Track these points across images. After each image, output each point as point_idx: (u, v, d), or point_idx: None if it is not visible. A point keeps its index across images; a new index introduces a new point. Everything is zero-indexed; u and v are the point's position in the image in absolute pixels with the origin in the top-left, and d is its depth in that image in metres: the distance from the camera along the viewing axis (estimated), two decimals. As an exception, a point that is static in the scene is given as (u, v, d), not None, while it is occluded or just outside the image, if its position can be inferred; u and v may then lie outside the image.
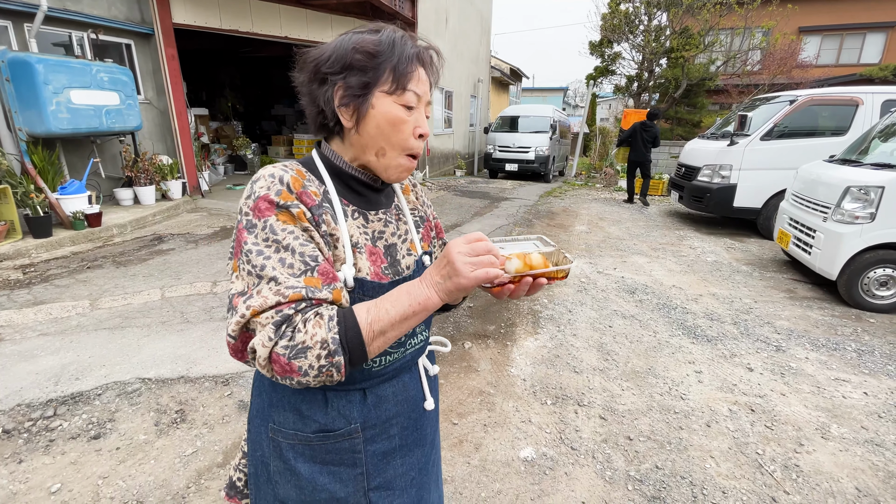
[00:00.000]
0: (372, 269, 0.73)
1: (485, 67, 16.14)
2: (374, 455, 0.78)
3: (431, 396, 0.85)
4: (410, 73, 0.69)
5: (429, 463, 0.88)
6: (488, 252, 0.58)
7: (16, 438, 1.96)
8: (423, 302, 0.60)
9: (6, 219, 4.47)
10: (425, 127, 0.73)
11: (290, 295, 0.57)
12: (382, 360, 0.76)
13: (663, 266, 4.76)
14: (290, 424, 0.74)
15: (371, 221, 0.76)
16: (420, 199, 0.93)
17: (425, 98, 0.73)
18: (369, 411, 0.76)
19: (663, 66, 13.53)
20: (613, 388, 2.53)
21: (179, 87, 6.83)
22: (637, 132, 8.15)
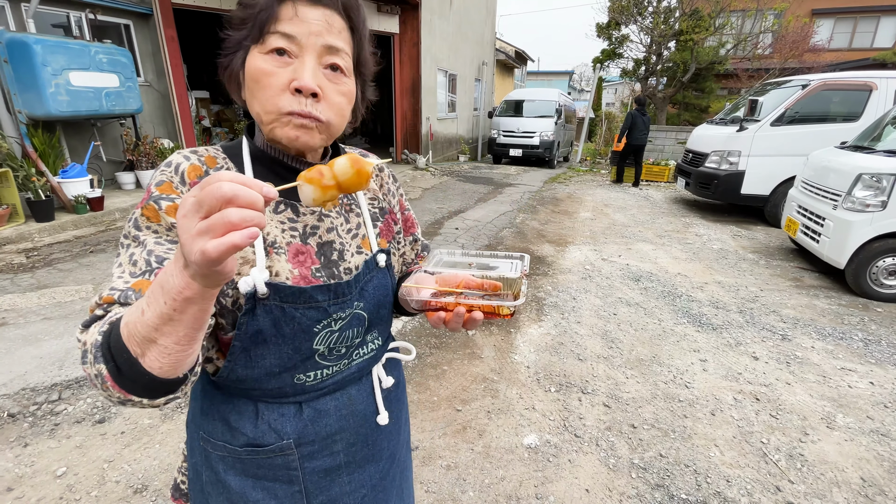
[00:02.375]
0: (296, 271, 0.62)
1: (490, 50, 15.86)
2: (314, 472, 0.69)
3: (387, 409, 0.75)
4: (269, 19, 0.56)
5: (386, 478, 0.78)
6: (227, 203, 0.34)
7: (21, 422, 1.97)
8: (179, 295, 0.39)
9: (8, 202, 4.46)
10: (307, 78, 0.55)
11: (104, 296, 0.50)
12: (318, 374, 0.66)
13: (669, 253, 4.72)
14: (218, 435, 0.67)
15: (303, 214, 0.65)
16: (385, 186, 0.79)
17: (311, 40, 0.56)
18: (305, 426, 0.66)
19: (672, 50, 13.26)
20: (618, 375, 2.52)
21: (180, 70, 6.73)
22: (635, 118, 8.39)
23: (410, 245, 0.85)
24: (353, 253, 0.69)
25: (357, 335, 0.68)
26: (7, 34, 4.56)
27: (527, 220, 5.91)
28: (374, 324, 0.70)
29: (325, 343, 0.64)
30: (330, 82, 0.58)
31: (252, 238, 0.34)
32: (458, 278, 0.64)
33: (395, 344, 0.81)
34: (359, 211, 0.72)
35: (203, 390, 0.69)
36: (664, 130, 11.21)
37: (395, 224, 0.79)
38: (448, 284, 0.64)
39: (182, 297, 0.39)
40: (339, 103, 0.59)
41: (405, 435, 0.87)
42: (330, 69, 0.58)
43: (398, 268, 0.80)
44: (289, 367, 0.63)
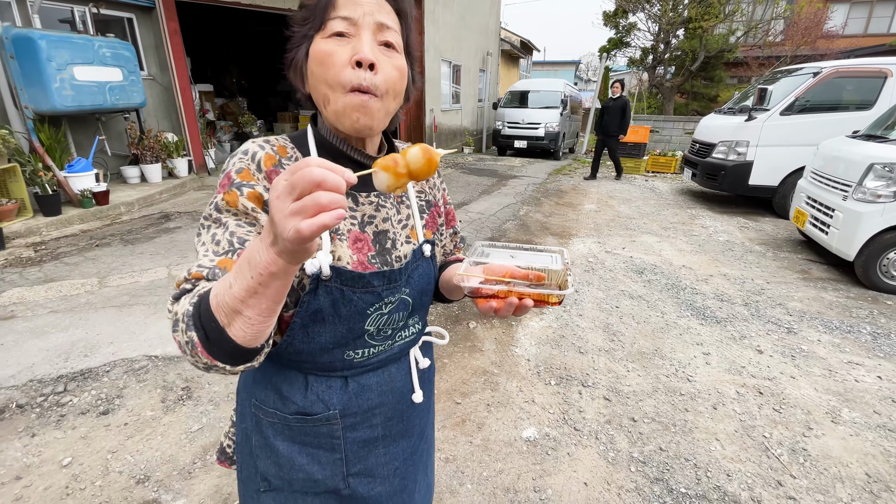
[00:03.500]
0: (355, 257, 0.67)
1: (494, 40, 15.68)
2: (355, 442, 0.75)
3: (421, 389, 0.81)
4: (328, 7, 0.61)
5: (415, 453, 0.85)
6: (317, 186, 0.37)
7: (28, 413, 2.01)
8: (265, 270, 0.43)
9: (17, 197, 4.51)
10: (364, 51, 0.59)
11: (193, 272, 0.55)
12: (366, 353, 0.72)
13: (673, 246, 4.67)
14: (270, 403, 0.73)
15: (361, 204, 0.70)
16: (431, 181, 0.83)
17: (366, 19, 0.60)
18: (350, 399, 0.73)
19: (680, 38, 13.03)
20: (619, 369, 2.51)
21: (183, 63, 6.73)
22: (605, 105, 7.92)
23: (450, 237, 0.89)
24: (403, 242, 0.73)
25: (401, 319, 0.73)
26: (13, 30, 4.58)
27: (530, 213, 5.88)
28: (416, 309, 0.76)
29: (375, 324, 0.70)
30: (385, 56, 0.62)
31: (340, 219, 0.37)
32: (505, 268, 0.65)
33: (430, 328, 0.86)
34: (408, 203, 0.77)
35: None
36: (671, 121, 11.06)
37: (439, 217, 0.83)
38: (495, 274, 0.65)
39: (268, 271, 0.43)
40: (393, 77, 0.62)
41: (432, 414, 0.93)
42: (384, 46, 0.62)
43: (439, 258, 0.84)
44: (341, 344, 0.68)
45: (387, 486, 0.80)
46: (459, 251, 0.92)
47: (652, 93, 15.73)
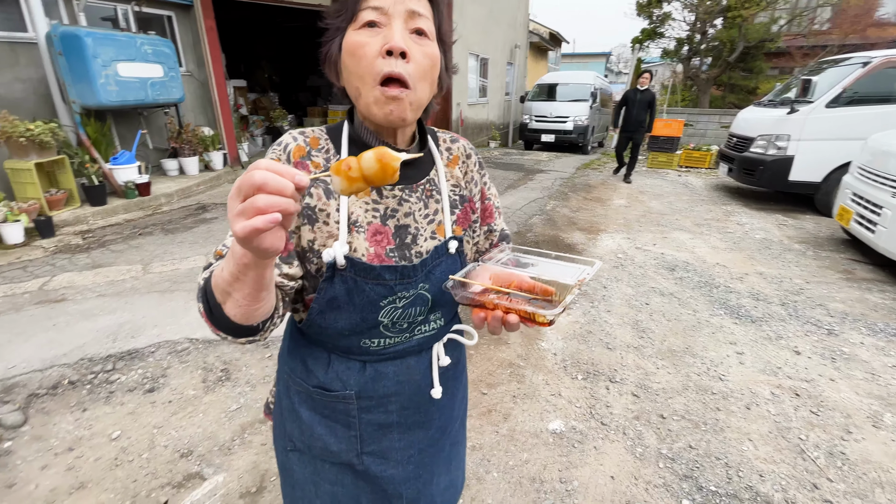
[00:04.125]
0: (372, 249, 0.67)
1: (522, 32, 15.48)
2: (370, 424, 0.77)
3: (442, 385, 0.79)
4: None
5: (434, 446, 0.85)
6: (257, 189, 0.38)
7: (80, 389, 2.14)
8: (240, 261, 0.46)
9: (65, 187, 4.77)
10: (395, 39, 0.58)
11: (216, 250, 0.62)
12: (381, 342, 0.73)
13: (707, 243, 4.54)
14: (297, 372, 0.78)
15: (385, 197, 0.69)
16: (469, 174, 0.80)
17: (397, 7, 0.60)
18: (366, 383, 0.74)
19: (718, 27, 12.54)
20: (648, 365, 2.48)
21: (219, 59, 6.93)
22: (628, 96, 7.30)
23: (485, 235, 0.84)
24: (427, 238, 0.72)
25: (420, 313, 0.72)
26: (61, 28, 4.81)
27: (557, 208, 5.82)
28: (437, 305, 0.74)
29: (388, 317, 0.70)
30: (416, 44, 0.61)
31: (273, 223, 0.38)
32: (513, 277, 0.62)
33: (460, 327, 0.83)
34: (438, 198, 0.74)
35: (292, 333, 0.80)
36: (706, 114, 10.69)
37: (472, 213, 0.79)
38: (501, 283, 0.62)
39: (242, 262, 0.46)
40: (424, 65, 0.62)
41: (459, 412, 0.91)
42: (416, 34, 0.61)
43: (470, 255, 0.81)
44: (356, 331, 0.70)
45: (399, 470, 0.81)
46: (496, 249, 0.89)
47: (686, 85, 15.21)
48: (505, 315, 0.58)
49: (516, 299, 0.60)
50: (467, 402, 0.99)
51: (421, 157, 0.74)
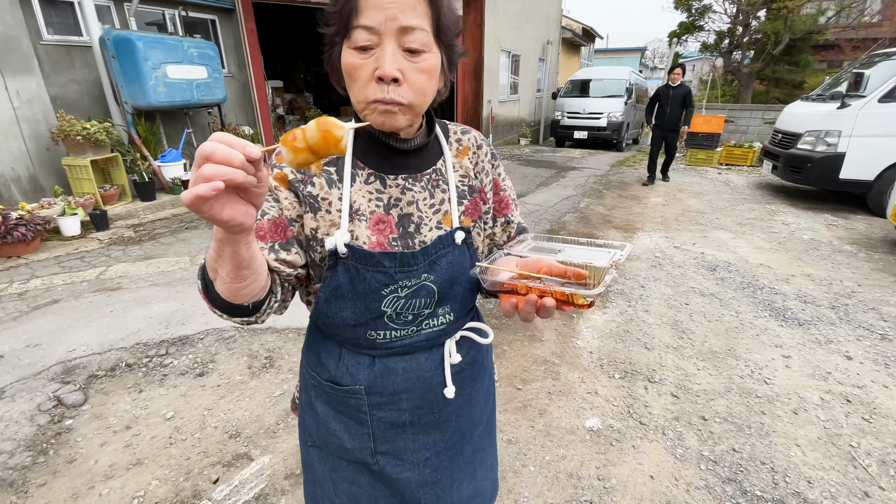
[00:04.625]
0: (374, 238, 0.68)
1: (555, 28, 15.25)
2: (381, 422, 0.76)
3: (455, 384, 0.77)
4: (352, 7, 0.58)
5: (452, 450, 0.81)
6: (205, 159, 0.39)
7: (136, 371, 2.28)
8: (216, 236, 0.49)
9: (118, 183, 5.05)
10: (387, 67, 0.57)
11: None
12: (387, 335, 0.72)
13: (750, 243, 4.38)
14: (312, 366, 0.79)
15: (388, 187, 0.70)
16: (479, 164, 0.78)
17: (388, 25, 0.57)
18: (375, 378, 0.74)
19: (761, 19, 12.00)
20: (688, 366, 2.42)
21: (258, 61, 7.16)
22: (660, 93, 6.79)
23: (502, 227, 0.82)
24: (432, 227, 0.71)
25: (426, 305, 0.71)
26: (113, 32, 5.09)
27: (591, 205, 5.73)
28: (445, 298, 0.72)
29: (391, 307, 0.69)
30: (409, 62, 0.59)
31: (214, 190, 0.38)
32: (541, 263, 0.60)
33: (474, 324, 0.80)
34: (445, 187, 0.73)
35: (310, 326, 0.82)
36: (749, 110, 10.26)
37: (483, 203, 0.77)
38: (530, 270, 0.60)
39: (217, 238, 0.49)
40: (419, 82, 0.61)
41: (481, 416, 0.87)
42: (409, 52, 0.59)
43: (482, 248, 0.80)
44: (361, 322, 0.70)
45: (416, 474, 0.79)
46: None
47: (727, 80, 14.63)
48: (540, 299, 0.56)
49: (549, 283, 0.57)
50: (493, 408, 0.93)
51: (428, 147, 0.73)
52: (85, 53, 5.18)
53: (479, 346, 0.82)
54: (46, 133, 4.61)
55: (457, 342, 0.78)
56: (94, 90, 5.31)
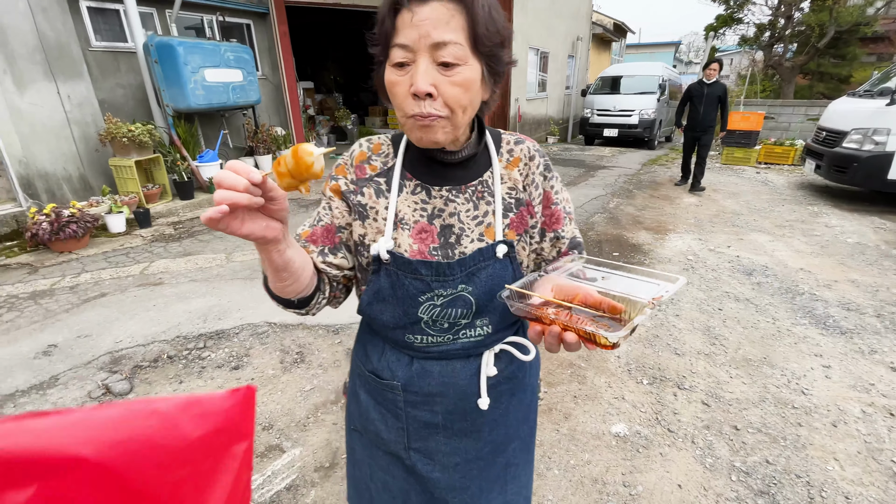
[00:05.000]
0: (415, 246, 0.70)
1: (585, 24, 14.97)
2: (415, 420, 0.79)
3: (490, 397, 0.77)
4: (390, 28, 0.61)
5: (484, 461, 0.82)
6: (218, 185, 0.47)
7: (177, 363, 2.40)
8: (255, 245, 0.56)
9: (159, 183, 5.30)
10: (420, 83, 0.59)
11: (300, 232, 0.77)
12: (424, 339, 0.74)
13: (789, 246, 4.20)
14: (360, 356, 0.85)
15: (433, 197, 0.72)
16: (530, 176, 0.76)
17: (421, 42, 0.59)
18: (412, 377, 0.77)
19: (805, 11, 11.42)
20: (720, 374, 2.36)
21: (290, 63, 7.35)
22: (692, 91, 6.19)
23: (551, 242, 0.78)
24: (474, 239, 0.71)
25: (463, 316, 0.72)
26: (156, 38, 5.32)
27: (621, 205, 5.62)
28: (483, 310, 0.72)
29: (428, 314, 0.71)
30: (443, 76, 0.60)
31: (220, 213, 0.46)
32: (578, 291, 0.57)
33: (516, 339, 0.77)
34: (490, 200, 0.73)
35: (361, 320, 0.86)
36: (790, 105, 9.79)
37: (530, 217, 0.75)
38: (565, 295, 0.58)
39: (256, 247, 0.57)
40: (454, 95, 0.61)
41: (518, 432, 0.86)
42: (443, 66, 0.60)
43: (527, 262, 0.78)
44: (400, 325, 0.73)
45: (445, 476, 0.80)
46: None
47: (767, 74, 14.01)
48: (562, 332, 0.54)
49: (579, 315, 0.54)
50: (533, 427, 0.91)
51: (476, 158, 0.74)
52: (130, 59, 5.45)
53: (520, 361, 0.81)
54: (95, 135, 4.88)
55: (496, 355, 0.78)
56: (138, 94, 5.57)
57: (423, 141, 0.65)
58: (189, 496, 0.41)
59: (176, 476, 0.40)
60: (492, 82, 0.67)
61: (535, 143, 0.80)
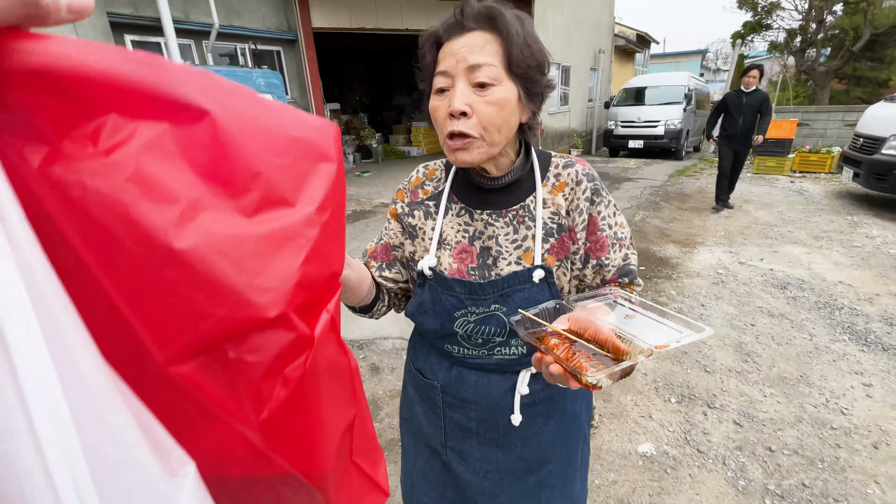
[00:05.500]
0: (455, 265, 0.76)
1: (607, 37, 14.96)
2: (452, 421, 0.84)
3: (524, 415, 0.78)
4: (431, 60, 0.69)
5: (514, 476, 0.84)
6: None
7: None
8: None
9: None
10: (456, 102, 0.64)
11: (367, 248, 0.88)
12: (461, 351, 0.79)
13: (827, 258, 4.04)
14: (411, 353, 0.93)
15: (475, 220, 0.77)
16: (574, 202, 0.75)
17: (458, 67, 0.64)
18: (450, 382, 0.83)
19: (838, 14, 11.08)
20: (753, 393, 2.29)
21: (318, 86, 7.65)
22: (728, 99, 5.50)
23: (593, 269, 0.77)
24: (512, 262, 0.73)
25: (497, 334, 0.75)
26: (196, 68, 5.67)
27: (647, 218, 5.53)
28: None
29: (462, 328, 0.77)
30: (478, 96, 0.65)
31: None
32: (591, 325, 0.56)
33: None
34: (531, 224, 0.74)
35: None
36: (826, 111, 9.46)
37: (572, 243, 0.75)
38: (578, 328, 0.57)
39: None
40: (488, 113, 0.65)
41: (554, 455, 0.85)
42: (479, 87, 0.65)
43: (569, 288, 0.78)
44: (439, 335, 0.80)
45: (476, 480, 0.84)
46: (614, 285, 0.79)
47: (800, 80, 13.59)
48: (550, 364, 0.54)
49: (580, 349, 0.54)
50: (573, 454, 0.89)
51: (520, 182, 0.76)
52: (170, 89, 5.80)
53: (557, 386, 0.79)
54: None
55: (533, 375, 0.79)
56: (177, 121, 5.91)
57: (459, 161, 0.68)
58: (289, 188, 0.43)
59: (277, 164, 0.42)
60: (530, 104, 0.71)
61: (587, 166, 0.79)
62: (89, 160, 0.34)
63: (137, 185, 0.35)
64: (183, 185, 0.37)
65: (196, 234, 0.37)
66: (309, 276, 0.43)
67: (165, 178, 0.36)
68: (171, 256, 0.36)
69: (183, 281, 0.37)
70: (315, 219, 0.45)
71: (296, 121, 0.44)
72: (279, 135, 0.42)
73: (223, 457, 0.44)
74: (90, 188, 0.34)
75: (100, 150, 0.34)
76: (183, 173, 0.37)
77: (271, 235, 0.41)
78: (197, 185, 0.38)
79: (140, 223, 0.35)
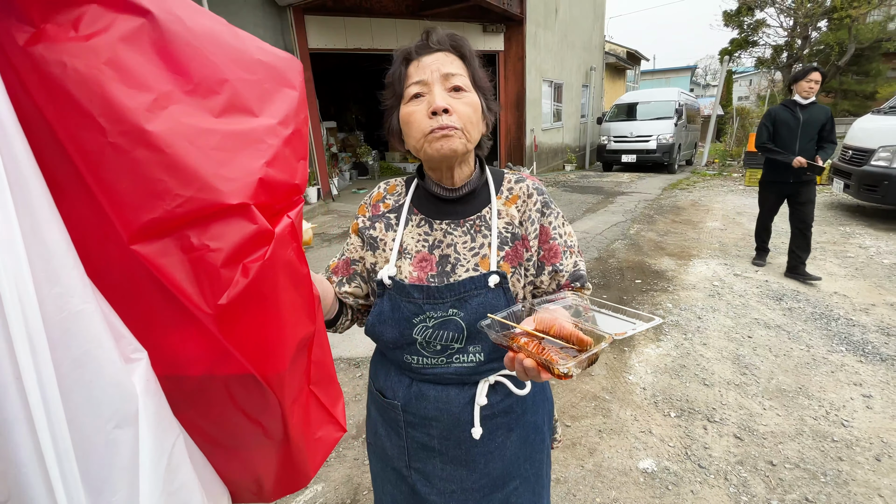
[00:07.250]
0: (414, 273, 0.77)
1: (598, 55, 15.27)
2: (414, 441, 0.83)
3: (484, 428, 0.78)
4: (403, 80, 0.75)
5: (480, 493, 0.83)
6: None
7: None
8: None
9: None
10: (438, 100, 0.70)
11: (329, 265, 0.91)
12: (420, 360, 0.78)
13: (822, 269, 4.06)
14: (372, 373, 0.92)
15: (434, 230, 0.80)
16: (526, 213, 0.80)
17: (433, 75, 0.72)
18: (410, 399, 0.81)
19: (822, 30, 11.37)
20: (752, 405, 2.27)
21: (314, 107, 7.73)
22: (776, 116, 3.79)
23: (549, 275, 0.81)
24: (469, 269, 0.76)
25: (455, 339, 0.75)
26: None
27: (642, 231, 5.56)
28: (475, 337, 0.75)
29: (421, 335, 0.77)
30: (455, 99, 0.72)
31: None
32: (555, 322, 0.61)
33: (511, 372, 0.75)
34: (487, 233, 0.78)
35: None
36: (814, 124, 9.60)
37: (525, 251, 0.79)
38: (543, 326, 0.62)
39: None
40: (467, 112, 0.73)
41: (518, 471, 0.85)
42: (453, 90, 0.73)
43: (523, 294, 0.81)
44: (399, 345, 0.79)
45: (442, 501, 0.83)
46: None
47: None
48: (524, 359, 0.58)
49: (548, 345, 0.58)
50: (539, 470, 0.89)
51: (476, 194, 0.82)
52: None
53: (518, 396, 0.81)
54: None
55: (491, 386, 0.79)
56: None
57: (444, 149, 0.72)
58: (254, 100, 0.48)
59: (243, 77, 0.47)
60: (487, 118, 0.80)
61: (536, 181, 0.85)
62: (70, 42, 0.37)
63: (114, 70, 0.38)
64: (156, 77, 0.41)
65: (167, 121, 0.40)
66: (271, 178, 0.48)
67: (140, 69, 0.40)
68: (143, 137, 0.39)
69: (152, 162, 0.40)
70: (278, 129, 0.49)
71: (262, 48, 0.50)
72: (245, 54, 0.48)
73: (181, 352, 0.46)
74: (70, 67, 0.37)
75: (80, 35, 0.37)
76: (156, 68, 0.41)
77: (236, 134, 0.45)
78: (169, 80, 0.42)
79: (115, 103, 0.38)
